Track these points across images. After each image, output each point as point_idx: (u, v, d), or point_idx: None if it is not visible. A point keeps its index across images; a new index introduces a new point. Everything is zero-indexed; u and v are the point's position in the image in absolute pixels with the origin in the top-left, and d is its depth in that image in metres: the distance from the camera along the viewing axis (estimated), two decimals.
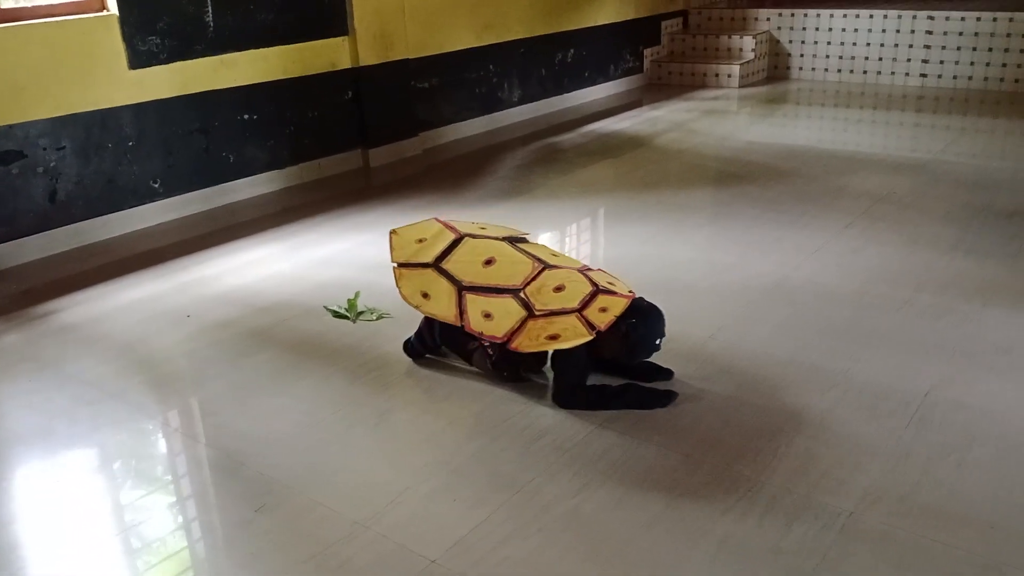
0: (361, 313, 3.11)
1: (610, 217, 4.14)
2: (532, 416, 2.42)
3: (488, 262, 2.54)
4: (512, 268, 2.51)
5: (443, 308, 2.52)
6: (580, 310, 2.37)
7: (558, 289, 2.42)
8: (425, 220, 2.78)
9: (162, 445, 2.41)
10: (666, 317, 2.47)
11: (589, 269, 2.56)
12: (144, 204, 4.21)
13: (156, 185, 4.24)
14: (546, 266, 2.51)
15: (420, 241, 2.66)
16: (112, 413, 2.53)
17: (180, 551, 1.99)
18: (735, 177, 4.67)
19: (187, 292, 3.40)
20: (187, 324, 3.11)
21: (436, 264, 2.58)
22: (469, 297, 2.49)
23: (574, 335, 2.33)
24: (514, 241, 2.66)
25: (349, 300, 3.15)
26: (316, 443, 2.34)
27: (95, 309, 3.28)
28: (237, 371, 2.75)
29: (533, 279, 2.47)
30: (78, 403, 2.60)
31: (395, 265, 2.64)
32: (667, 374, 2.58)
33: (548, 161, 5.19)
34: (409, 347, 2.76)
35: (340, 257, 3.74)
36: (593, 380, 2.52)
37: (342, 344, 2.90)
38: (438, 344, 2.71)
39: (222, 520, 2.07)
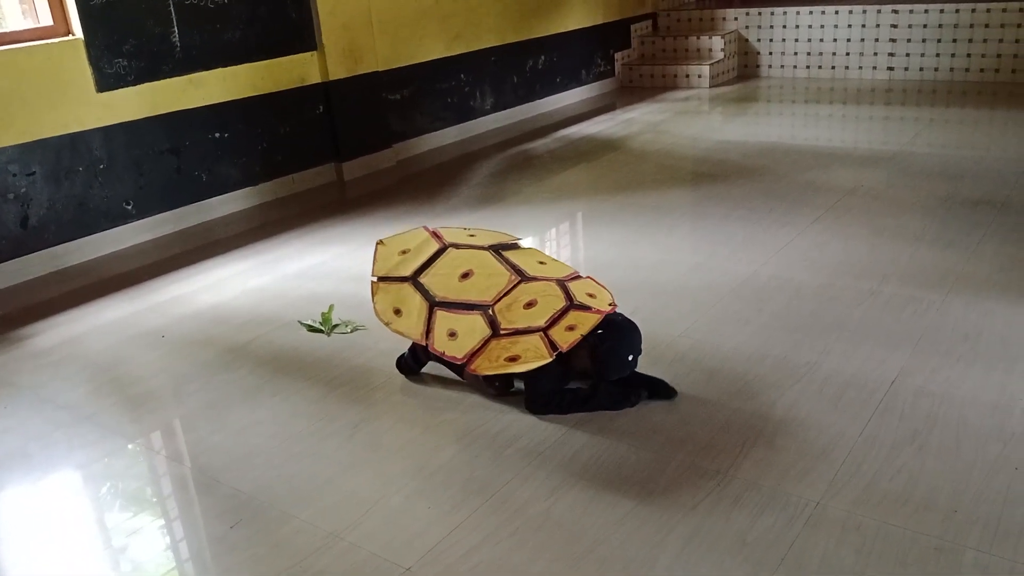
0: (335, 326, 3.13)
1: (583, 221, 4.18)
2: (504, 421, 2.44)
3: (465, 275, 2.52)
4: (487, 281, 2.49)
5: (411, 326, 2.52)
6: (546, 329, 2.36)
7: (529, 305, 2.42)
8: (414, 229, 2.75)
9: (137, 465, 2.42)
10: (637, 318, 2.50)
11: (574, 278, 2.54)
12: (117, 226, 4.22)
13: (129, 207, 4.25)
14: (523, 279, 2.49)
15: (404, 252, 2.65)
16: (87, 435, 2.54)
17: (155, 569, 2.00)
18: (706, 176, 4.72)
19: (162, 312, 3.41)
20: (162, 344, 3.12)
21: (413, 278, 2.57)
22: (439, 314, 2.48)
23: (534, 357, 2.33)
24: (501, 249, 2.63)
25: (323, 314, 3.16)
26: (291, 456, 2.36)
27: (70, 332, 3.29)
28: (212, 388, 2.77)
29: (506, 293, 2.45)
30: (53, 426, 2.60)
31: (374, 279, 2.64)
32: (670, 392, 2.50)
33: (522, 168, 5.23)
34: (403, 363, 2.76)
35: (315, 271, 3.76)
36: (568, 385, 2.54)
37: (316, 358, 2.92)
38: (431, 356, 2.72)
39: (197, 536, 2.08)
